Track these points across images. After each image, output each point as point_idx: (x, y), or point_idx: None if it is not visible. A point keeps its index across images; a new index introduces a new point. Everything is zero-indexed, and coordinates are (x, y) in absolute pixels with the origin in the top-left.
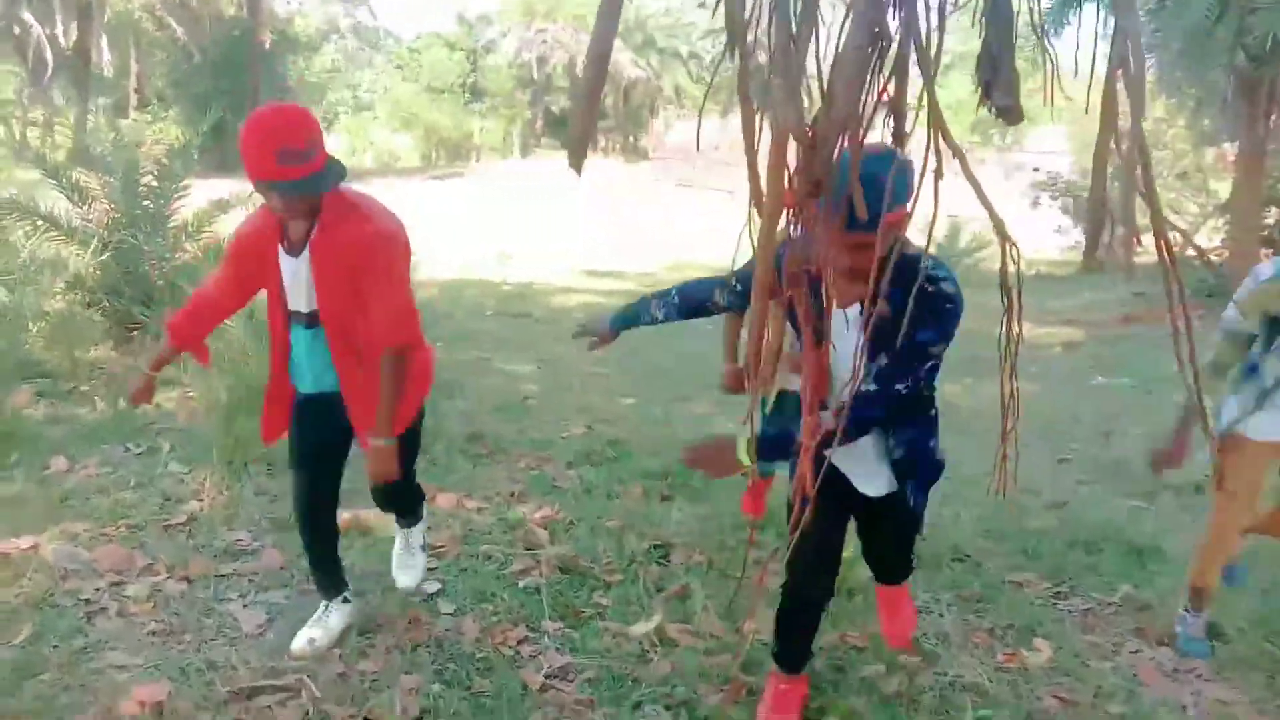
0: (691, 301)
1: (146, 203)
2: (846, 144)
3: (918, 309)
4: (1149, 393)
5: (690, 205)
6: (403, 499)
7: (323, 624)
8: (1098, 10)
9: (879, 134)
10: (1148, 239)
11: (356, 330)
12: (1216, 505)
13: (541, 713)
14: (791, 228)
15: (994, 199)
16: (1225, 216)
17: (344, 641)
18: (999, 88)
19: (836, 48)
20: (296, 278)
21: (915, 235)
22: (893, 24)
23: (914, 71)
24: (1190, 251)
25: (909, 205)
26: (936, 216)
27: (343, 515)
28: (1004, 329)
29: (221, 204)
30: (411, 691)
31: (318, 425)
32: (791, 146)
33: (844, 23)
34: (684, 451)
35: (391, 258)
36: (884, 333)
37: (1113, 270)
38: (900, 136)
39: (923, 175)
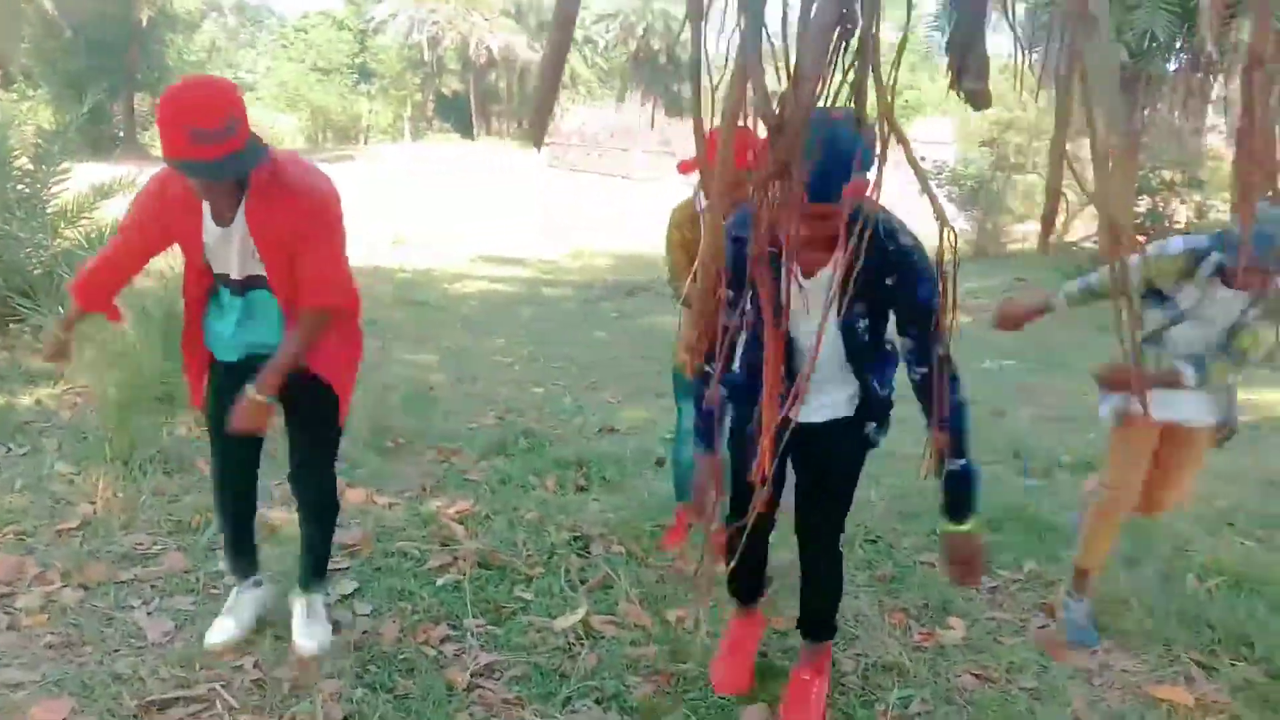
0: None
1: (21, 187)
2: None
3: (898, 275)
4: (1034, 375)
5: (587, 191)
6: (322, 485)
7: (234, 614)
8: None
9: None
10: (1024, 228)
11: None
12: (1104, 488)
13: (469, 713)
14: (752, 206)
15: (885, 188)
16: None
17: (259, 644)
18: (970, 71)
19: (801, 28)
20: (225, 245)
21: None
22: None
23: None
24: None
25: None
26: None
27: None
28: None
29: (102, 189)
30: (333, 697)
31: (236, 393)
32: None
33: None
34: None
35: (331, 223)
36: (865, 299)
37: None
38: (861, 120)
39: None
